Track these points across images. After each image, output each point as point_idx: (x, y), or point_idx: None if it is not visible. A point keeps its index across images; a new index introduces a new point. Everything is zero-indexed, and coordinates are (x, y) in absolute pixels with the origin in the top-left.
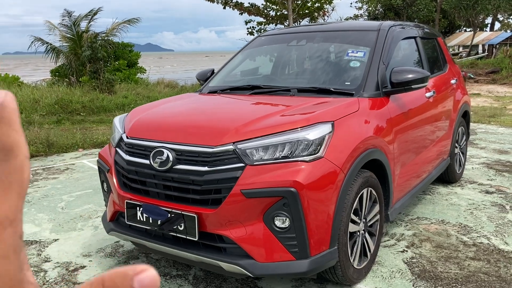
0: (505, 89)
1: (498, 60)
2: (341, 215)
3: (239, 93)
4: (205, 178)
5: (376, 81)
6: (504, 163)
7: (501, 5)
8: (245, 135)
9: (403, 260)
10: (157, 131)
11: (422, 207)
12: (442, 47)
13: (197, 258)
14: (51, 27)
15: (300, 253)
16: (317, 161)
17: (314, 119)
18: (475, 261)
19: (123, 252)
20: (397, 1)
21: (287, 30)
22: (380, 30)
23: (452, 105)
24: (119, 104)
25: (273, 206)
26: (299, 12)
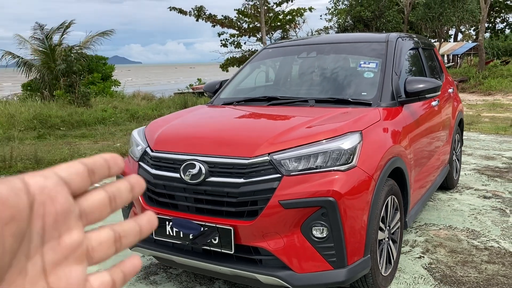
0: (475, 97)
1: (465, 69)
2: (373, 223)
3: (255, 104)
4: (241, 190)
5: (391, 91)
6: (494, 169)
7: (464, 17)
8: (280, 145)
9: (423, 266)
10: (186, 143)
11: (427, 214)
12: (438, 56)
13: (231, 271)
14: (21, 40)
15: (338, 263)
16: (351, 170)
17: (343, 129)
18: (491, 264)
19: (140, 268)
20: (366, 13)
21: (295, 42)
22: (389, 42)
23: (451, 113)
24: (98, 118)
25: (311, 216)
26: (271, 24)
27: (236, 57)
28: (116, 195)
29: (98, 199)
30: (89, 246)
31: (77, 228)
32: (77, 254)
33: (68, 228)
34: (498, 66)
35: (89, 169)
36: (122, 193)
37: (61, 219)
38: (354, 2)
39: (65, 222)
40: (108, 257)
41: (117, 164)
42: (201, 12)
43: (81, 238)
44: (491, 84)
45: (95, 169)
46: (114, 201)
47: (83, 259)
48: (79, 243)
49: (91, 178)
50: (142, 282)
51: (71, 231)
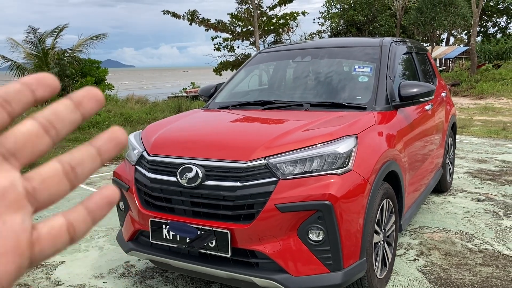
0: (467, 101)
1: (457, 73)
2: (368, 227)
3: (251, 108)
4: (237, 194)
5: (385, 95)
6: (486, 172)
7: (456, 21)
8: (276, 149)
9: (417, 269)
10: (183, 147)
11: (422, 217)
12: (431, 61)
13: (228, 274)
14: (14, 44)
15: (334, 266)
16: (347, 173)
17: (338, 133)
18: (485, 267)
19: (136, 272)
20: (359, 17)
21: (290, 47)
22: (383, 46)
23: (444, 117)
24: (92, 121)
25: (308, 219)
26: (264, 28)
27: (229, 61)
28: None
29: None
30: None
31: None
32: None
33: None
34: (490, 69)
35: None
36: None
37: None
38: (347, 6)
39: None
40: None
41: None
42: (194, 16)
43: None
44: (483, 87)
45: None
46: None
47: (21, 205)
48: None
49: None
50: (138, 286)
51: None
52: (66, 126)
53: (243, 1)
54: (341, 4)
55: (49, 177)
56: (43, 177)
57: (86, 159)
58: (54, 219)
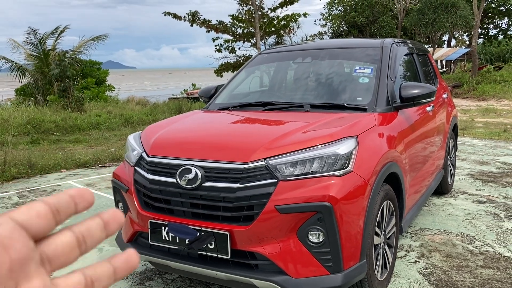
0: (468, 103)
1: (458, 75)
2: (369, 228)
3: (251, 109)
4: (237, 195)
5: (386, 96)
6: (487, 174)
7: (458, 23)
8: (276, 150)
9: (418, 271)
10: (182, 148)
11: (422, 218)
12: (432, 62)
13: (227, 276)
14: (15, 45)
15: (334, 267)
16: (347, 175)
17: (338, 134)
18: (486, 269)
19: (135, 274)
20: (360, 19)
21: (290, 48)
22: (384, 47)
23: (445, 118)
24: (93, 123)
25: (307, 221)
26: (265, 30)
27: (230, 62)
28: (86, 236)
29: (63, 242)
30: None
31: (38, 275)
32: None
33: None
34: (491, 71)
35: (52, 209)
36: (93, 233)
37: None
38: (348, 7)
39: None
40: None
41: (84, 199)
42: (195, 17)
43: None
44: (484, 89)
45: (60, 208)
46: (84, 242)
47: None
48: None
49: (56, 218)
50: (138, 287)
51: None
52: (94, 243)
53: (244, 3)
54: (343, 5)
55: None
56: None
57: (104, 276)
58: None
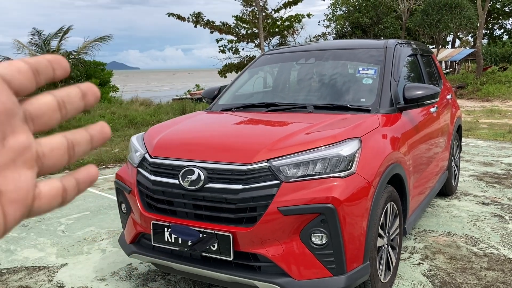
0: (473, 104)
1: (463, 76)
2: (372, 230)
3: (254, 110)
4: (239, 196)
5: (390, 97)
6: (492, 175)
7: (462, 23)
8: (278, 152)
9: (422, 273)
10: (185, 150)
11: (426, 220)
12: (436, 63)
13: (230, 278)
14: (20, 46)
15: (337, 269)
16: (351, 177)
17: (342, 135)
18: (490, 271)
19: (138, 275)
20: (364, 19)
21: (294, 49)
22: (387, 48)
23: (449, 119)
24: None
25: (311, 223)
26: (269, 30)
27: (234, 63)
28: (66, 100)
29: (45, 101)
30: (40, 152)
31: (23, 131)
32: (25, 157)
33: (12, 130)
34: (496, 72)
35: (32, 68)
36: (73, 99)
37: (3, 120)
38: (352, 8)
39: (8, 124)
40: (61, 165)
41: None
42: (199, 18)
43: (28, 141)
44: (489, 90)
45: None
46: (64, 106)
47: (33, 164)
48: (26, 146)
49: (36, 79)
50: None
51: (17, 133)
52: (73, 110)
53: (248, 4)
54: (346, 6)
55: (57, 148)
56: (52, 147)
57: (83, 142)
58: (53, 182)
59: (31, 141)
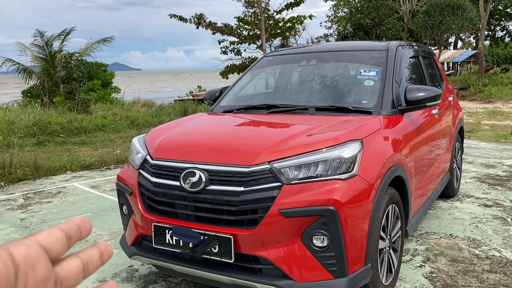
0: (475, 105)
1: (465, 77)
2: (374, 233)
3: (255, 112)
4: (241, 199)
5: (391, 99)
6: (494, 177)
7: (464, 25)
8: (280, 154)
9: (423, 275)
10: (187, 151)
11: (428, 222)
12: (438, 65)
13: (231, 280)
14: (22, 48)
15: (339, 272)
16: (352, 179)
17: (343, 137)
18: (492, 274)
19: (139, 277)
20: (366, 20)
21: (295, 50)
22: (389, 50)
23: (451, 121)
24: (98, 124)
25: (312, 225)
26: (271, 32)
27: (236, 64)
28: (89, 263)
29: (74, 266)
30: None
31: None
32: None
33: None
34: (498, 73)
35: (67, 235)
36: (94, 261)
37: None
38: (354, 9)
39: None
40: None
41: (86, 228)
42: (201, 19)
43: None
44: (491, 91)
45: (72, 235)
46: (87, 268)
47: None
48: None
49: (69, 244)
50: None
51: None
52: (94, 269)
53: (250, 5)
54: (348, 7)
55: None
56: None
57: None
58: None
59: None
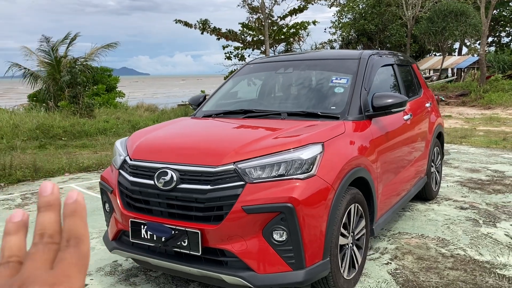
0: (474, 111)
1: (467, 83)
2: (333, 229)
3: (233, 116)
4: (207, 196)
5: (359, 106)
6: (476, 181)
7: (467, 31)
8: (244, 155)
9: (388, 272)
10: (161, 153)
11: (403, 223)
12: (417, 72)
13: (199, 272)
14: (28, 52)
15: (297, 264)
16: (310, 178)
17: (306, 140)
18: (453, 270)
19: (122, 271)
20: (370, 26)
21: (274, 59)
22: (361, 59)
23: (428, 126)
24: (100, 128)
25: (272, 221)
26: (275, 37)
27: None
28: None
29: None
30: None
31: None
32: None
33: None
34: (499, 80)
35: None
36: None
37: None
38: (358, 15)
39: None
40: None
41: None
42: (206, 25)
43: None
44: (491, 98)
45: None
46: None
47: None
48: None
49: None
50: (122, 283)
51: None
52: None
53: (254, 11)
54: (352, 13)
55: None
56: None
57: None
58: None
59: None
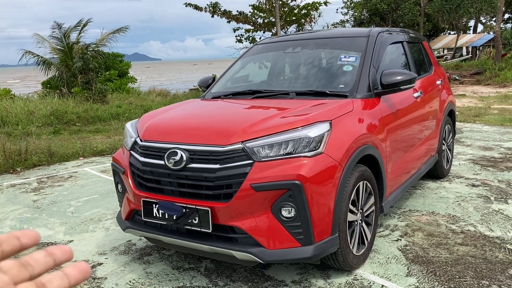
0: (489, 90)
1: (481, 61)
2: (341, 205)
3: (241, 97)
4: (217, 175)
5: (368, 83)
6: (489, 159)
7: (483, 8)
8: (252, 134)
9: (398, 248)
10: (170, 134)
11: (413, 201)
12: (427, 50)
13: (211, 249)
14: (40, 39)
15: (305, 240)
16: (318, 156)
17: (313, 118)
18: (463, 246)
19: (136, 250)
20: (382, 6)
21: (282, 38)
22: (370, 36)
23: (438, 104)
24: (113, 113)
25: (280, 198)
26: (286, 19)
27: None
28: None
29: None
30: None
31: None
32: None
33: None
34: None
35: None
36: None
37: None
38: None
39: None
40: None
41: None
42: (216, 8)
43: None
44: (506, 76)
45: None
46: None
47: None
48: None
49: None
50: (136, 261)
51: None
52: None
53: None
54: None
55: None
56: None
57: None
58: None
59: None
